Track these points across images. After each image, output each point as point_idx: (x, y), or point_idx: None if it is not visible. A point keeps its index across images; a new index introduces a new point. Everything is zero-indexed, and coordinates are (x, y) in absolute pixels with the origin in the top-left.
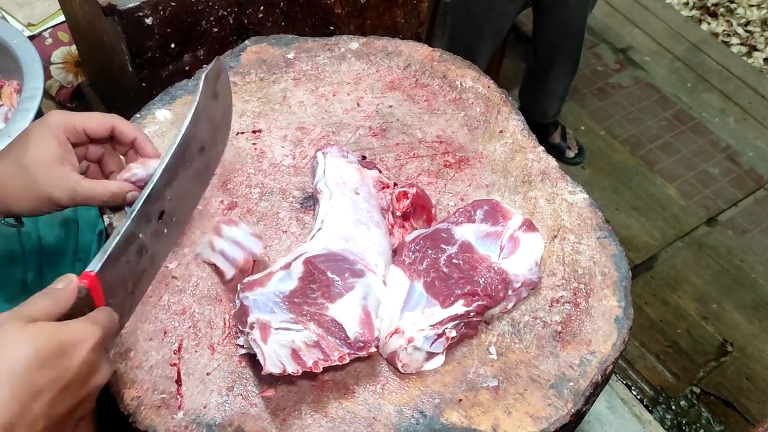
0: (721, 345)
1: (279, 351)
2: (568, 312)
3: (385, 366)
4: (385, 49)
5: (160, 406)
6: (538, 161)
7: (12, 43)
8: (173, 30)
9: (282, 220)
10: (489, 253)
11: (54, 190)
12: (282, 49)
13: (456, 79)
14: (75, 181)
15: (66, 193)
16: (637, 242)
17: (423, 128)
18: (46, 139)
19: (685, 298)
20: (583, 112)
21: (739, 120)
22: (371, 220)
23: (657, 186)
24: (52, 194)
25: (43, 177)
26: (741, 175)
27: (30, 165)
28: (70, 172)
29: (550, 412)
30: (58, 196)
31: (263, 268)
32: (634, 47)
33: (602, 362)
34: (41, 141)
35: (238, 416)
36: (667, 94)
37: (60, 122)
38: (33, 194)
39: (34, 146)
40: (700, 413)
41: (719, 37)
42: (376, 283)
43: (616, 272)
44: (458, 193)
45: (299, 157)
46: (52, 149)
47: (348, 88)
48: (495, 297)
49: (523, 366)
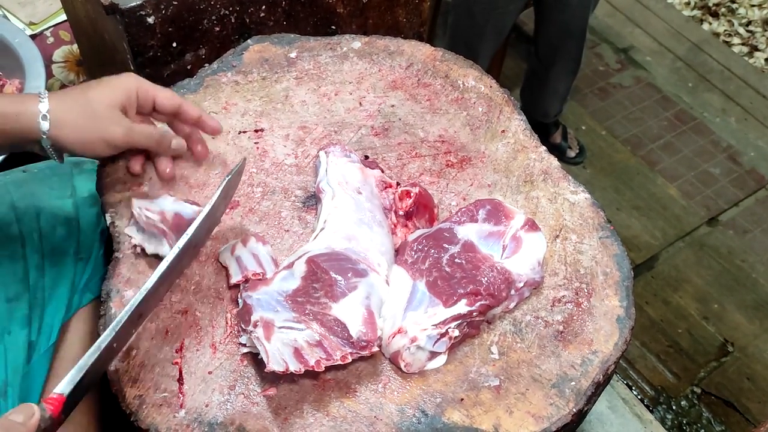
0: (721, 345)
1: (282, 350)
2: (570, 312)
3: (386, 365)
4: (387, 48)
5: (162, 404)
6: (540, 161)
7: (14, 42)
8: (175, 29)
9: (284, 219)
10: (491, 253)
11: (112, 126)
12: (284, 48)
13: (458, 79)
14: (132, 123)
15: (122, 131)
16: (638, 242)
17: (425, 128)
18: (116, 88)
19: (686, 298)
20: (584, 112)
21: (741, 120)
22: (374, 220)
23: (658, 186)
24: (107, 130)
25: (104, 114)
26: (742, 175)
27: (93, 100)
28: (126, 118)
29: (551, 411)
30: (114, 131)
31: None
32: (635, 47)
33: (604, 362)
34: (111, 87)
35: (240, 415)
36: (669, 94)
37: (135, 81)
38: (89, 128)
39: (102, 88)
40: (701, 413)
41: (720, 37)
42: (379, 283)
43: (617, 272)
44: (460, 193)
45: (301, 156)
46: (118, 96)
47: (350, 88)
48: (497, 296)
49: (524, 365)
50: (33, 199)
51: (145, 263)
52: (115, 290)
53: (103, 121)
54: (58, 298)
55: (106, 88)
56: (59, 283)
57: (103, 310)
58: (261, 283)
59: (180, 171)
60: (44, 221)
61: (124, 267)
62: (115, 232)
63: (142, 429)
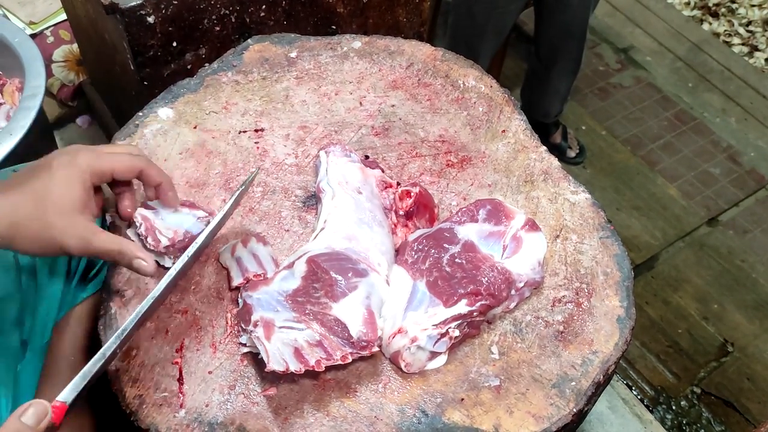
0: (721, 345)
1: (282, 349)
2: (570, 312)
3: (387, 365)
4: (387, 48)
5: (162, 404)
6: (541, 161)
7: (14, 41)
8: (175, 28)
9: (284, 219)
10: (492, 253)
11: (68, 239)
12: (284, 48)
13: (458, 79)
14: (91, 232)
15: (79, 243)
16: (638, 242)
17: (425, 127)
18: (71, 183)
19: (686, 298)
20: (584, 112)
21: (741, 120)
22: (374, 220)
23: (658, 186)
24: (64, 242)
25: (60, 224)
26: (742, 175)
27: (49, 209)
28: (87, 222)
29: (552, 411)
30: (70, 245)
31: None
32: (635, 47)
33: (604, 362)
34: (66, 184)
35: (240, 415)
36: (669, 94)
37: (88, 165)
38: (45, 238)
39: (57, 189)
40: (701, 413)
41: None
42: (380, 283)
43: (618, 272)
44: (461, 193)
45: (302, 156)
46: (75, 196)
47: (350, 87)
48: (498, 296)
49: (525, 365)
50: None
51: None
52: (115, 289)
53: (59, 234)
54: (50, 297)
55: (61, 189)
56: (52, 282)
57: (103, 309)
58: (261, 282)
59: (179, 171)
60: None
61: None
62: (115, 232)
63: (142, 429)
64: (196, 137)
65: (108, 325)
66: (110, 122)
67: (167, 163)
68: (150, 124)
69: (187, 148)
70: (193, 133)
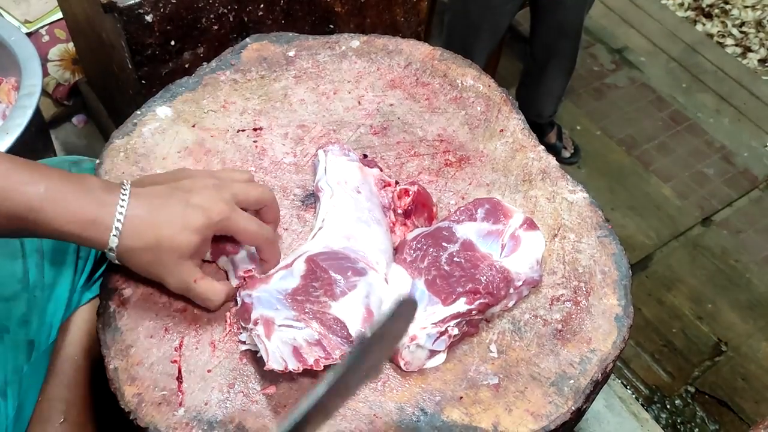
0: (715, 344)
1: (281, 348)
2: (569, 310)
3: (386, 363)
4: (385, 47)
5: (161, 403)
6: (539, 160)
7: (10, 40)
8: (173, 27)
9: (283, 218)
10: (490, 252)
11: (170, 279)
12: (283, 47)
13: (457, 78)
14: (192, 278)
15: (179, 286)
16: (633, 242)
17: (424, 127)
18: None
19: (680, 297)
20: (579, 112)
21: (734, 120)
22: (373, 219)
23: (652, 186)
24: (165, 279)
25: (166, 263)
26: (736, 176)
27: (163, 245)
28: (192, 267)
29: (550, 409)
30: (170, 283)
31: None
32: (629, 48)
33: (602, 360)
34: (188, 232)
35: (239, 413)
36: (663, 94)
37: (218, 219)
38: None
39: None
40: (695, 412)
41: (714, 38)
42: (379, 282)
43: (616, 271)
44: (459, 192)
45: (300, 155)
46: (192, 245)
47: (349, 87)
48: (496, 295)
49: (523, 364)
50: None
51: None
52: (114, 288)
53: (164, 271)
54: (57, 297)
55: (181, 232)
56: (59, 282)
57: (102, 308)
58: (260, 281)
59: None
60: None
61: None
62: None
63: (141, 427)
64: (194, 136)
65: (106, 324)
66: (106, 121)
67: (165, 161)
68: (148, 123)
69: (186, 146)
70: (192, 131)
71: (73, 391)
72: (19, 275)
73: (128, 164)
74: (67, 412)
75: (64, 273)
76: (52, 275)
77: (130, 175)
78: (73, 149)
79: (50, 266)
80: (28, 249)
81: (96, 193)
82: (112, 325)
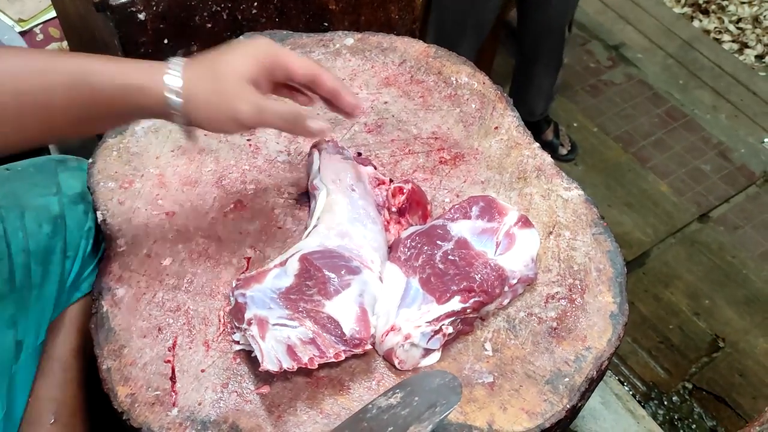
0: (713, 341)
1: (275, 347)
2: (564, 308)
3: (380, 362)
4: (380, 45)
5: (155, 403)
6: (534, 158)
7: (3, 38)
8: (166, 25)
9: (277, 216)
10: (485, 250)
11: (241, 104)
12: None
13: (451, 76)
14: (263, 99)
15: (252, 109)
16: (630, 238)
17: (418, 124)
18: (247, 58)
19: (677, 294)
20: (575, 109)
21: (731, 117)
22: (367, 217)
23: (649, 182)
24: (237, 108)
25: (233, 91)
26: (732, 172)
27: (222, 73)
28: (256, 94)
29: (545, 407)
30: (243, 110)
31: (259, 266)
32: (626, 44)
33: (597, 358)
34: (242, 58)
35: (233, 413)
36: (660, 91)
37: (266, 50)
38: (218, 106)
39: (232, 57)
40: (692, 408)
41: (711, 34)
42: (373, 280)
43: (611, 268)
44: (453, 190)
45: (294, 153)
46: (249, 68)
47: None
48: (491, 293)
49: (518, 362)
50: (17, 198)
51: (136, 261)
52: (107, 288)
53: (232, 98)
54: (45, 297)
55: (237, 57)
56: (47, 282)
57: (95, 308)
58: (253, 280)
59: (171, 168)
60: (29, 219)
61: (116, 265)
62: (107, 230)
63: (135, 428)
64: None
65: (99, 324)
66: None
67: (159, 160)
68: (141, 121)
69: (179, 145)
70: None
71: (64, 391)
72: (5, 276)
73: (121, 163)
74: (57, 413)
75: (52, 273)
76: (40, 275)
77: (123, 174)
78: (67, 148)
79: (37, 266)
80: (14, 249)
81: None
82: (106, 325)
